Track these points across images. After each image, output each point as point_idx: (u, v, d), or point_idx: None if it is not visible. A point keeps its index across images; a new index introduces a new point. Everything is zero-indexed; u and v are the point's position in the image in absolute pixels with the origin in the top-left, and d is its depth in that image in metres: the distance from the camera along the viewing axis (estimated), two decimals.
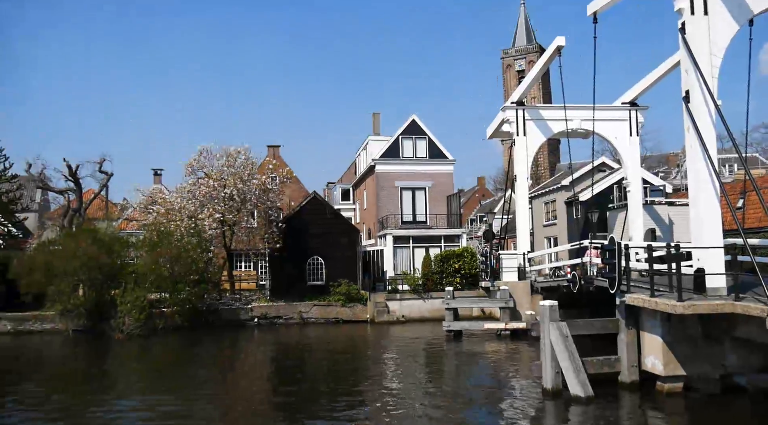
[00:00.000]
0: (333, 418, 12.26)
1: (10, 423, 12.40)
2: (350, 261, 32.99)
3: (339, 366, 19.47)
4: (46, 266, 27.32)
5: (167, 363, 21.19)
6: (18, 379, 17.85)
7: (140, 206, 34.88)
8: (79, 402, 14.42)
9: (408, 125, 39.80)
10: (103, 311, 27.39)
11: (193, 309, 28.41)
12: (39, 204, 56.50)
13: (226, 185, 31.25)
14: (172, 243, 28.74)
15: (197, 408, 13.59)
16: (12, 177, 38.28)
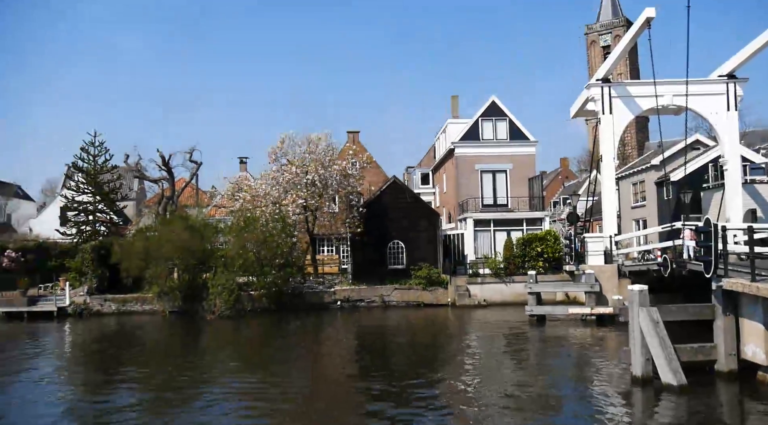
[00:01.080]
0: (415, 401, 12.34)
1: (119, 395, 13.32)
2: (430, 245, 33.00)
3: (421, 349, 19.59)
4: (144, 251, 29.10)
5: (257, 343, 22.06)
6: (123, 356, 19.16)
7: (227, 193, 36.33)
8: (178, 377, 15.28)
9: (488, 106, 39.12)
10: (196, 294, 28.92)
11: (278, 292, 29.40)
12: (137, 193, 60.09)
13: (308, 172, 31.94)
14: (258, 229, 29.78)
15: (288, 384, 14.08)
16: (112, 168, 40.73)
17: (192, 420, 11.34)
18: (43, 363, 18.30)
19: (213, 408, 12.02)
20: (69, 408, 12.64)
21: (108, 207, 40.50)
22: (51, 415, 11.91)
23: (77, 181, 39.90)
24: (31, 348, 21.12)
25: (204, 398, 12.96)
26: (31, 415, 11.98)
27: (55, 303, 29.59)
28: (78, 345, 22.39)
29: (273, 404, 12.32)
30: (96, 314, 29.44)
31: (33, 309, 29.39)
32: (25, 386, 14.80)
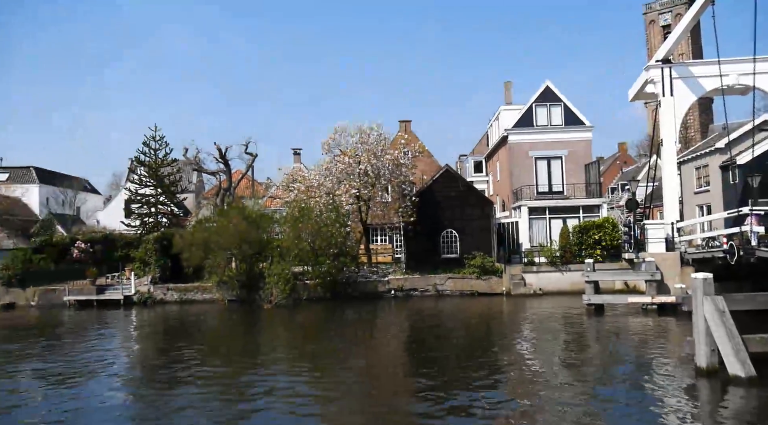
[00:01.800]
0: (471, 391, 12.30)
1: (184, 378, 13.84)
2: (484, 234, 32.70)
3: (476, 338, 19.50)
4: (203, 241, 29.97)
5: (313, 331, 22.43)
6: (185, 342, 19.83)
7: (282, 184, 36.95)
8: (236, 363, 15.73)
9: (542, 91, 38.33)
10: (253, 283, 29.62)
11: (333, 281, 29.77)
12: (195, 185, 61.82)
13: (360, 162, 32.12)
14: (312, 219, 30.19)
15: (344, 372, 14.29)
16: (172, 162, 42.07)
17: (249, 406, 11.65)
18: (113, 346, 19.20)
19: (270, 394, 12.31)
20: (136, 388, 13.23)
21: (169, 199, 41.93)
22: (118, 392, 12.49)
23: (140, 174, 41.44)
24: (102, 333, 22.14)
25: (260, 384, 13.28)
26: (102, 394, 12.59)
27: (122, 292, 30.87)
28: (144, 331, 23.29)
29: (329, 391, 12.54)
30: (159, 303, 30.54)
31: (101, 298, 30.75)
32: (96, 368, 15.54)
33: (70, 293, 30.89)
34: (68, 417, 11.24)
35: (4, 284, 31.60)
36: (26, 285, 31.81)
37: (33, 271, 32.61)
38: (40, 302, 31.14)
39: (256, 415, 11.05)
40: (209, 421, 10.70)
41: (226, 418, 10.90)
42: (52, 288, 31.68)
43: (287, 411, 11.23)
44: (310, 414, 11.10)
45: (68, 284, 31.75)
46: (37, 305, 30.99)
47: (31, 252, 33.67)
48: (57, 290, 31.45)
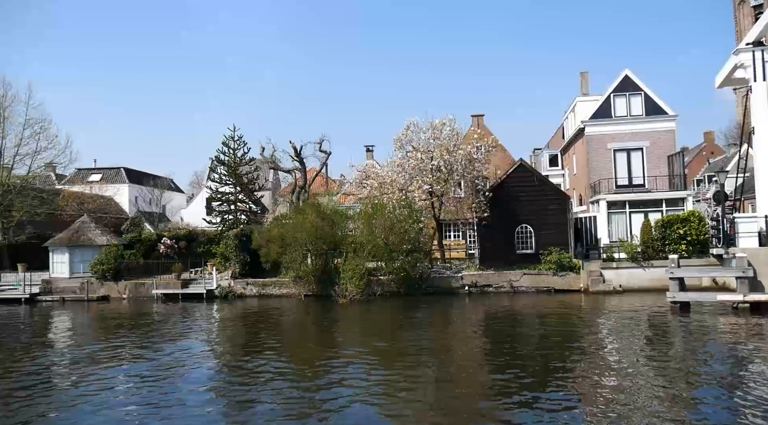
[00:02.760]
0: (548, 391, 12.07)
1: (264, 370, 14.32)
2: (561, 229, 31.91)
3: (553, 336, 19.02)
4: (280, 237, 30.82)
5: (387, 326, 22.62)
6: (265, 334, 20.53)
7: (356, 181, 37.40)
8: (314, 357, 16.12)
9: (620, 81, 36.96)
10: (329, 278, 30.21)
11: (407, 277, 29.91)
12: (272, 183, 63.65)
13: (433, 157, 32.04)
14: (385, 215, 30.42)
15: (419, 367, 14.34)
16: (250, 160, 43.47)
17: (327, 399, 11.90)
18: (198, 337, 20.10)
19: (347, 388, 12.53)
20: (216, 376, 13.82)
21: (247, 197, 43.38)
22: (203, 379, 13.09)
23: (220, 173, 43.06)
24: (188, 325, 23.16)
25: (338, 378, 13.53)
26: (188, 379, 13.23)
27: (204, 286, 32.22)
28: (226, 324, 24.19)
29: (403, 386, 12.60)
30: (239, 297, 31.65)
31: (186, 291, 32.21)
32: (181, 355, 16.32)
33: (158, 287, 32.54)
34: (158, 401, 11.85)
35: (99, 278, 33.64)
36: (118, 279, 33.76)
37: (124, 266, 34.55)
38: (131, 295, 32.96)
39: (334, 409, 11.26)
40: (288, 414, 11.00)
41: (305, 411, 11.18)
42: (142, 282, 33.48)
43: (364, 405, 11.39)
44: (386, 409, 11.19)
45: (156, 278, 33.48)
46: (129, 298, 32.81)
47: (122, 248, 35.65)
48: (146, 284, 33.21)
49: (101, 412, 11.39)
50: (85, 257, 34.78)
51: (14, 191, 40.75)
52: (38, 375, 14.89)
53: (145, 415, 11.07)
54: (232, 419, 10.85)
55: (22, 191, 41.55)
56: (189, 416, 10.99)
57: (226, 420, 10.92)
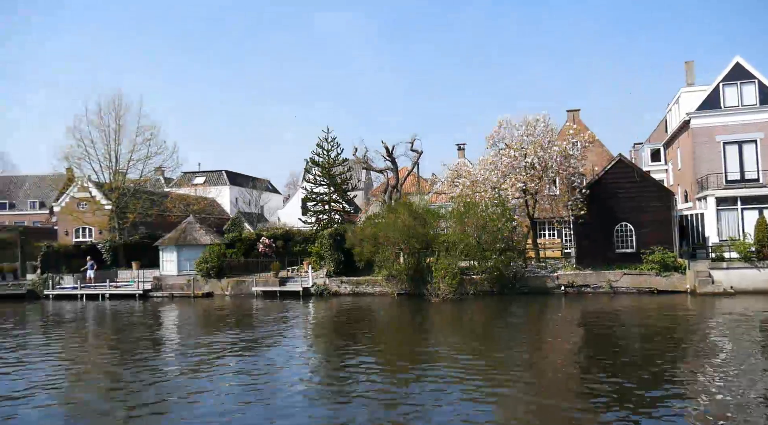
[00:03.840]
0: (647, 401, 11.52)
1: (358, 366, 14.64)
2: (664, 227, 30.31)
3: (656, 340, 17.99)
4: (373, 237, 31.27)
5: (481, 326, 22.44)
6: (360, 331, 20.96)
7: (447, 179, 37.33)
8: (406, 354, 16.29)
9: (731, 69, 34.54)
10: (421, 277, 30.32)
11: (500, 276, 29.52)
12: (364, 183, 64.69)
13: (526, 154, 31.40)
14: (477, 214, 30.15)
15: (512, 368, 14.14)
16: (343, 161, 44.47)
17: (419, 396, 11.99)
18: (297, 332, 20.83)
19: (439, 388, 12.56)
20: (315, 370, 14.28)
21: (341, 197, 44.43)
22: (300, 375, 13.56)
23: (314, 174, 44.35)
24: (286, 321, 24.05)
25: (431, 377, 13.58)
26: (284, 375, 13.75)
27: (301, 284, 33.27)
28: (322, 321, 24.89)
29: (495, 387, 12.44)
30: (334, 295, 32.43)
31: (283, 289, 33.40)
32: (281, 350, 16.99)
33: (257, 285, 33.95)
34: (260, 396, 12.41)
35: (204, 276, 35.55)
36: (221, 276, 35.53)
37: (226, 264, 36.31)
38: (233, 292, 34.60)
39: (425, 405, 11.34)
40: (388, 413, 11.14)
41: (397, 408, 11.32)
42: (242, 279, 35.06)
43: (457, 404, 11.38)
44: (480, 410, 11.13)
45: (255, 276, 34.97)
46: (231, 294, 34.46)
47: (225, 247, 37.48)
48: (246, 281, 34.75)
49: (207, 403, 12.06)
50: (191, 256, 36.86)
51: (128, 194, 43.87)
52: (153, 365, 16.00)
53: (246, 409, 11.60)
54: (331, 417, 11.01)
55: (135, 194, 44.67)
56: (288, 414, 11.42)
57: (325, 416, 11.23)
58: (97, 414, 11.63)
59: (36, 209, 72.00)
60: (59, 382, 14.35)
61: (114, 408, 11.93)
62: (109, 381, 14.40)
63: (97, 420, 11.29)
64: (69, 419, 11.52)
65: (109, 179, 43.71)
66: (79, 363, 16.88)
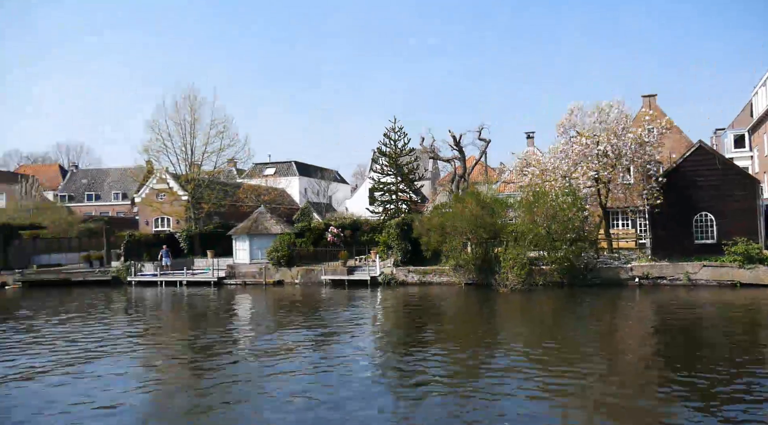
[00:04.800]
0: (726, 401, 11.02)
1: (420, 354, 14.72)
2: (748, 217, 28.72)
3: (738, 338, 17.06)
4: (440, 226, 31.18)
5: (550, 317, 22.08)
6: (427, 320, 21.07)
7: (516, 168, 36.68)
8: (474, 345, 16.23)
9: None
10: (489, 267, 30.02)
11: (570, 267, 28.83)
12: (431, 173, 64.54)
13: (599, 142, 30.44)
14: (547, 203, 29.51)
15: (581, 361, 13.86)
16: (410, 151, 44.47)
17: (486, 388, 11.93)
18: (366, 321, 21.13)
19: (508, 378, 12.46)
20: (383, 361, 14.44)
21: (408, 187, 44.50)
22: (370, 365, 13.76)
23: (381, 164, 44.59)
24: (354, 309, 24.44)
25: (497, 368, 13.50)
26: (353, 365, 14.00)
27: (368, 273, 33.60)
28: (390, 310, 25.08)
29: (565, 381, 12.22)
30: (401, 284, 32.57)
31: (351, 278, 33.82)
32: (350, 339, 17.29)
33: (326, 273, 34.54)
34: (325, 385, 12.68)
35: (275, 264, 36.47)
36: (291, 265, 36.34)
37: (296, 253, 37.12)
38: (302, 280, 35.34)
39: (495, 397, 11.27)
40: (460, 408, 11.12)
41: (467, 401, 11.28)
42: (311, 268, 35.74)
43: (525, 397, 11.26)
44: (550, 405, 10.94)
45: (324, 265, 35.57)
46: (300, 282, 35.21)
47: (294, 236, 38.28)
48: (315, 270, 35.41)
49: (277, 390, 12.44)
50: (263, 245, 37.89)
51: (203, 185, 45.51)
52: (229, 350, 16.65)
53: (315, 398, 11.88)
54: (399, 409, 11.00)
55: (209, 185, 46.28)
56: (357, 404, 11.60)
57: (394, 408, 11.33)
58: (180, 392, 12.24)
59: (119, 200, 75.88)
60: (145, 363, 15.19)
61: (193, 386, 12.51)
62: (188, 363, 15.10)
63: (179, 397, 11.88)
64: (153, 394, 12.17)
65: (185, 170, 45.47)
66: (162, 348, 17.78)
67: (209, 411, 10.95)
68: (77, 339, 18.57)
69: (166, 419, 10.82)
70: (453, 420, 10.15)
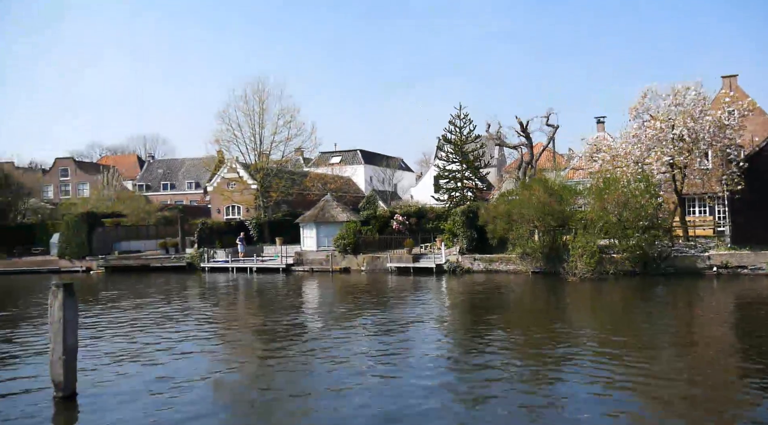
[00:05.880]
0: None
1: (488, 344, 14.67)
2: None
3: None
4: (507, 214, 30.78)
5: (621, 308, 21.49)
6: (493, 309, 20.96)
7: (585, 154, 35.67)
8: (542, 336, 16.02)
9: None
10: (557, 255, 29.44)
11: (643, 256, 27.89)
12: (497, 159, 63.71)
13: (674, 126, 29.19)
14: (619, 190, 28.60)
15: (655, 355, 13.47)
16: (476, 138, 44.03)
17: (556, 380, 11.76)
18: (429, 309, 21.22)
19: (578, 372, 12.24)
20: (451, 351, 14.49)
21: (473, 174, 44.13)
22: (437, 354, 13.84)
23: (447, 152, 44.40)
24: (420, 297, 24.57)
25: (569, 359, 13.27)
26: (417, 354, 14.12)
27: (434, 261, 33.60)
28: (458, 298, 25.06)
29: (636, 376, 11.81)
30: (467, 272, 32.41)
31: (416, 265, 33.92)
32: (417, 328, 17.43)
33: (391, 261, 34.78)
34: (392, 376, 12.85)
35: (341, 252, 37.02)
36: (357, 252, 36.79)
37: (362, 240, 37.53)
38: (368, 268, 35.73)
39: (567, 391, 11.10)
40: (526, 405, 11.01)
41: (536, 394, 11.10)
42: (377, 256, 36.07)
43: (596, 394, 11.00)
44: (623, 397, 10.65)
45: (389, 252, 35.81)
46: (366, 270, 35.62)
47: (360, 224, 38.70)
48: (381, 257, 35.71)
49: (348, 377, 12.70)
50: (329, 232, 38.51)
51: (271, 174, 46.66)
52: (297, 335, 17.13)
53: (382, 388, 12.05)
54: (460, 406, 10.72)
55: (277, 173, 47.40)
56: (423, 394, 11.69)
57: (461, 400, 11.35)
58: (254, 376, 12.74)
59: (192, 189, 78.78)
60: (221, 346, 15.85)
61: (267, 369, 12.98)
62: (260, 348, 15.66)
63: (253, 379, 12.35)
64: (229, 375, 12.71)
65: (254, 160, 46.74)
66: (236, 331, 18.50)
67: (275, 397, 11.33)
68: (160, 321, 19.58)
69: (241, 400, 11.27)
70: (521, 418, 9.79)
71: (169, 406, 10.51)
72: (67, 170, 77.97)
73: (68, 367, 10.74)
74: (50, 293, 10.86)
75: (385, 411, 9.99)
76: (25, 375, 12.94)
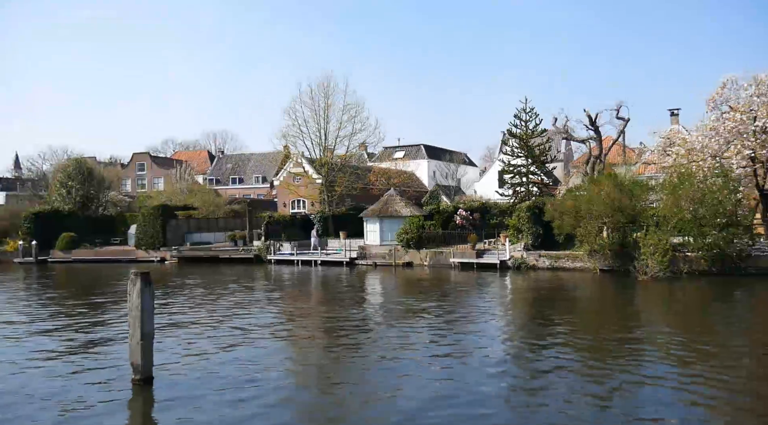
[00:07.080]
0: None
1: (553, 346, 14.37)
2: None
3: None
4: (574, 210, 29.98)
5: (696, 309, 20.62)
6: (559, 307, 20.51)
7: (658, 148, 34.31)
8: (609, 336, 15.51)
9: None
10: (627, 253, 28.46)
11: (720, 254, 26.60)
12: (564, 154, 62.18)
13: (756, 118, 27.67)
14: (694, 185, 27.38)
15: (733, 361, 12.83)
16: (542, 132, 43.10)
17: (621, 383, 11.41)
18: (492, 305, 21.03)
19: (649, 379, 11.78)
20: (514, 352, 14.28)
21: (539, 169, 43.27)
22: (500, 357, 13.67)
23: (511, 146, 43.68)
24: (483, 293, 24.38)
25: (635, 363, 12.84)
26: (476, 352, 13.99)
27: (498, 257, 33.20)
28: (520, 295, 24.72)
29: (712, 383, 11.24)
30: (531, 268, 31.84)
31: (480, 261, 33.62)
32: (482, 326, 17.29)
33: (455, 256, 34.60)
34: (452, 378, 12.79)
35: (404, 246, 37.12)
36: (420, 247, 36.78)
37: (425, 235, 37.49)
38: (431, 263, 35.67)
39: (635, 399, 10.70)
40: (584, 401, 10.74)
41: (603, 400, 10.71)
42: (440, 251, 35.96)
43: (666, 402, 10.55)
44: (695, 402, 10.20)
45: (453, 247, 35.63)
46: (429, 265, 35.57)
47: (423, 219, 38.66)
48: (444, 252, 35.58)
49: (409, 375, 12.75)
50: (393, 227, 38.68)
51: (336, 169, 47.26)
52: (361, 327, 17.32)
53: (442, 386, 12.01)
54: (525, 409, 10.50)
55: (342, 168, 47.96)
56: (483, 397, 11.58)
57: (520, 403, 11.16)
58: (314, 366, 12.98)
59: (259, 183, 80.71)
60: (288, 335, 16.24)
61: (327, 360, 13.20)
62: (326, 341, 15.93)
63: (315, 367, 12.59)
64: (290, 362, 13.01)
65: (319, 155, 47.44)
66: (305, 321, 18.91)
67: (342, 392, 11.50)
68: (232, 310, 20.26)
69: (313, 388, 11.51)
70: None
71: (241, 391, 10.86)
72: (144, 164, 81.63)
73: (145, 352, 11.26)
74: (129, 281, 11.40)
75: (448, 403, 9.97)
76: (108, 357, 13.67)
